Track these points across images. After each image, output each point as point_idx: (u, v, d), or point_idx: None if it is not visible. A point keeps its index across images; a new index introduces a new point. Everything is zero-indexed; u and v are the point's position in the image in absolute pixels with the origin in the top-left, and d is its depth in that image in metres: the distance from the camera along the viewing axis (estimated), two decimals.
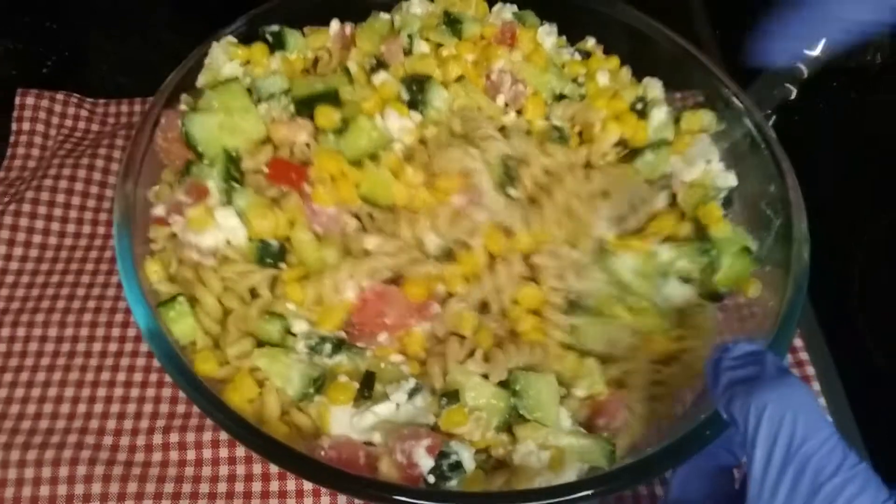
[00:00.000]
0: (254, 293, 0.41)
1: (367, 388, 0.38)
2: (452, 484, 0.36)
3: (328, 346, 0.39)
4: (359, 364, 0.39)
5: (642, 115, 0.49)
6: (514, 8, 0.52)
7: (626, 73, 0.51)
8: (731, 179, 0.47)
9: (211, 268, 0.41)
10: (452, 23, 0.49)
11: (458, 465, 0.36)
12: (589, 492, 0.34)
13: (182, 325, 0.39)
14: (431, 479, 0.35)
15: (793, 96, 0.45)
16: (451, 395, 0.37)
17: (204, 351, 0.39)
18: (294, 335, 0.39)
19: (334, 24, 0.50)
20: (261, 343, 0.39)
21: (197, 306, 0.40)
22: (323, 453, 0.36)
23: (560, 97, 0.49)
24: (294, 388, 0.38)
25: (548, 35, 0.51)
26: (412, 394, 0.38)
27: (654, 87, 0.51)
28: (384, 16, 0.51)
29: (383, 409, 0.37)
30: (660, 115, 0.49)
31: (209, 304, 0.40)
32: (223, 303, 0.40)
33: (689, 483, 0.37)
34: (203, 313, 0.40)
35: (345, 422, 0.37)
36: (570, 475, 0.37)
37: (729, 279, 0.44)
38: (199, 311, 0.40)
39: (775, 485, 0.28)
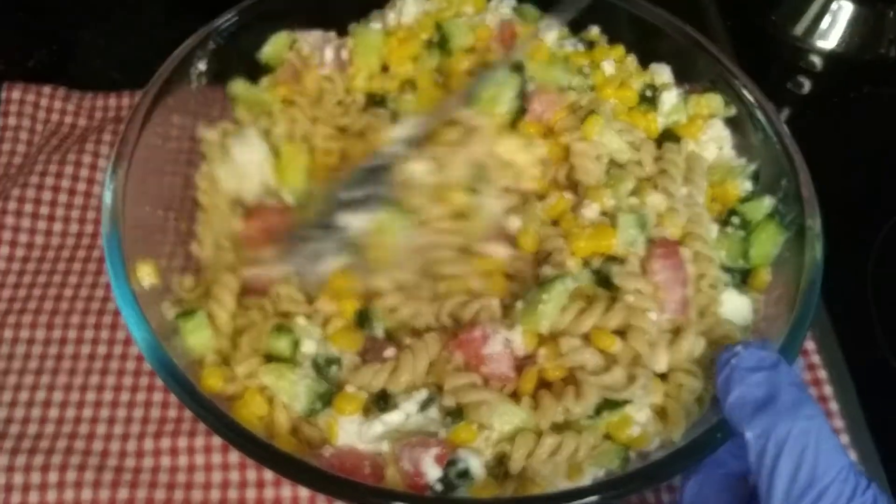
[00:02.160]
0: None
1: (383, 401, 0.37)
2: (461, 492, 0.35)
3: (334, 368, 0.38)
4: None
5: (651, 101, 0.48)
6: (513, 2, 0.51)
7: (631, 60, 0.50)
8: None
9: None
10: (441, 44, 0.48)
11: (465, 473, 0.35)
12: (595, 497, 0.33)
13: (198, 337, 0.39)
14: (439, 487, 0.34)
15: None
16: (456, 413, 0.36)
17: (211, 367, 0.38)
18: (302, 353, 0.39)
19: (328, 53, 0.49)
20: (269, 358, 0.39)
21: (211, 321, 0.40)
22: (325, 460, 0.36)
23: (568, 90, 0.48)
24: (301, 404, 0.37)
25: (548, 28, 0.49)
26: (424, 405, 0.37)
27: (662, 73, 0.49)
28: (375, 25, 0.49)
29: (392, 418, 0.36)
30: (670, 98, 0.48)
31: (222, 319, 0.39)
32: (236, 320, 0.40)
33: (702, 490, 0.37)
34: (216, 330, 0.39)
35: (352, 431, 0.37)
36: (586, 481, 0.36)
37: (762, 253, 0.43)
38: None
39: None
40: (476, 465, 0.35)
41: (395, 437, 0.36)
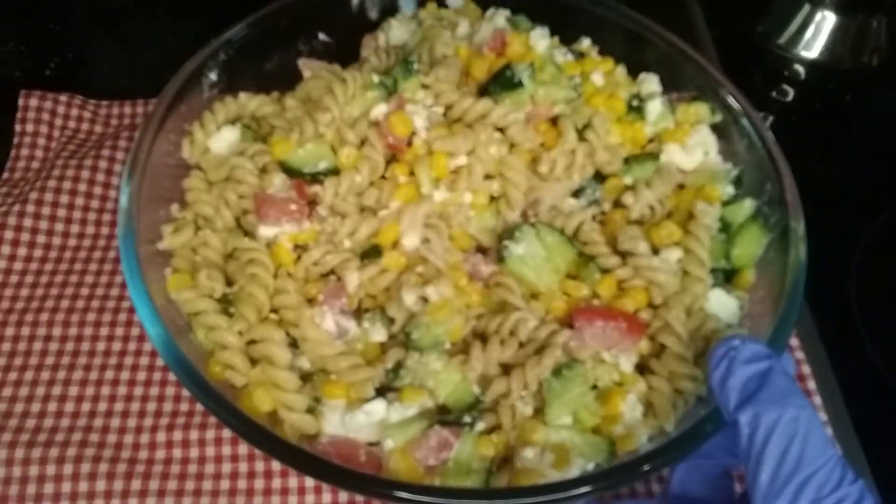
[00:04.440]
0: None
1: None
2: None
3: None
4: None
5: (638, 111, 0.49)
6: (507, 13, 0.52)
7: (621, 71, 0.51)
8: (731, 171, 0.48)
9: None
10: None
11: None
12: (587, 488, 0.34)
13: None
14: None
15: None
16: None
17: (216, 358, 0.40)
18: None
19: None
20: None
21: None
22: (320, 447, 0.37)
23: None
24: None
25: (540, 38, 0.51)
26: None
27: (650, 83, 0.51)
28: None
29: (375, 408, 0.38)
30: (656, 106, 0.49)
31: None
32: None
33: (689, 481, 0.38)
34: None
35: (336, 422, 0.38)
36: (573, 473, 0.38)
37: (745, 254, 0.44)
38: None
39: (778, 497, 0.30)
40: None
41: (383, 428, 0.38)
